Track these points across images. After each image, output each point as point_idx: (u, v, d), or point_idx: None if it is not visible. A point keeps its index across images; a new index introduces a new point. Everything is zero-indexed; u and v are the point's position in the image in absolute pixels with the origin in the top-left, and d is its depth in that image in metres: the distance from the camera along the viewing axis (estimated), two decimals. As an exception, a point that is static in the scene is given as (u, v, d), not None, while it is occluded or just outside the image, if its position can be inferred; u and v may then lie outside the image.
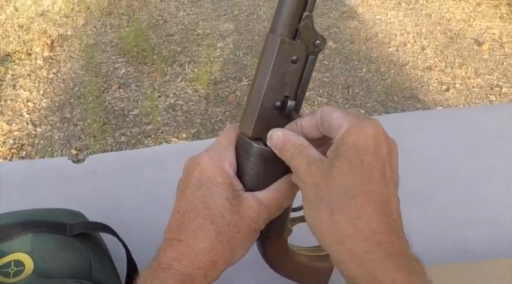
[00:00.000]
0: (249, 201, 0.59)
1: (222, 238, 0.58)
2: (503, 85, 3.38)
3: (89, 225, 0.80)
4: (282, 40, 0.56)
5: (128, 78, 3.23)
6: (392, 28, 3.92)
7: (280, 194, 0.61)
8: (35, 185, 1.07)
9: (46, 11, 3.93)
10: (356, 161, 0.50)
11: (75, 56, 3.45)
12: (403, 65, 3.50)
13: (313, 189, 0.52)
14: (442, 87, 3.33)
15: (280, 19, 0.57)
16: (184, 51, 3.50)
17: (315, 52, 0.59)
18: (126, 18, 3.87)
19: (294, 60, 0.58)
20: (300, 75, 0.60)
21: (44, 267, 0.71)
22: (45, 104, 3.04)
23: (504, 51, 3.73)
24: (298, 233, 0.75)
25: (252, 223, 0.59)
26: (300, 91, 0.61)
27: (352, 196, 0.50)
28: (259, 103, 0.59)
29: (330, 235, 0.50)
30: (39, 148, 2.74)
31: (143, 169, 1.11)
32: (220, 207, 0.58)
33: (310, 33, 0.57)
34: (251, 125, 0.60)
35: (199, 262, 0.58)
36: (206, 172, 0.60)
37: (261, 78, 0.58)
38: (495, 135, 1.22)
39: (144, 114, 2.95)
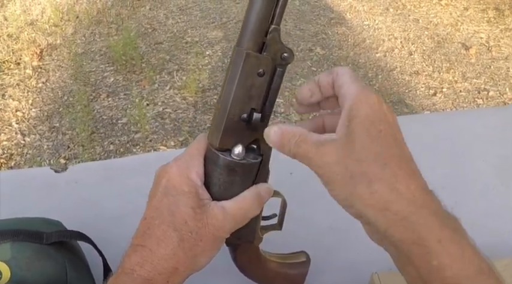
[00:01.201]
0: (213, 209, 0.60)
1: (184, 245, 0.59)
2: (491, 88, 3.40)
3: (65, 234, 0.81)
4: (247, 54, 0.57)
5: (117, 87, 3.23)
6: (380, 34, 3.95)
7: (246, 203, 0.62)
8: (17, 195, 1.07)
9: (35, 20, 3.94)
10: (374, 132, 0.51)
11: (64, 65, 3.45)
12: (390, 70, 3.52)
13: (337, 168, 0.52)
14: (430, 91, 3.34)
15: (246, 32, 0.57)
16: (173, 59, 3.51)
17: (283, 65, 0.60)
18: (115, 26, 3.88)
19: (261, 73, 0.58)
20: (266, 88, 0.60)
21: (20, 275, 0.72)
22: (34, 113, 3.04)
23: (491, 54, 3.76)
24: (273, 240, 0.77)
25: (215, 231, 0.60)
26: (268, 103, 0.61)
27: (384, 164, 0.51)
28: (225, 115, 0.59)
29: (373, 205, 0.50)
30: (28, 157, 2.74)
31: (126, 178, 1.12)
32: (184, 215, 0.59)
33: (277, 46, 0.57)
34: (218, 137, 0.61)
35: (161, 268, 0.59)
36: (173, 180, 0.61)
37: (227, 91, 0.59)
38: (480, 139, 1.23)
39: (132, 123, 2.95)
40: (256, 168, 0.64)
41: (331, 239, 0.99)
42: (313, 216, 1.03)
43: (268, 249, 0.79)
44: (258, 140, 0.63)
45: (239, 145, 0.62)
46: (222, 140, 0.61)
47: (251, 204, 0.63)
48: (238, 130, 0.61)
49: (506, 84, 3.45)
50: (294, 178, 1.11)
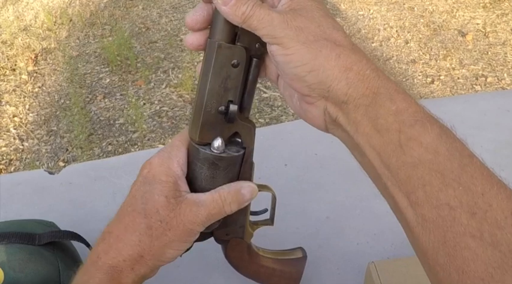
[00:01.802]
0: (188, 201, 0.60)
1: (151, 233, 0.59)
2: (488, 74, 3.39)
3: (57, 234, 0.81)
4: (219, 45, 0.56)
5: (113, 88, 3.23)
6: (375, 23, 3.93)
7: (221, 198, 0.62)
8: (12, 199, 1.08)
9: (29, 26, 3.93)
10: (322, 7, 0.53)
11: (59, 68, 3.45)
12: (387, 59, 3.51)
13: (301, 32, 0.51)
14: (427, 79, 3.33)
15: (217, 24, 0.56)
16: (168, 57, 3.50)
17: (258, 55, 0.59)
18: (108, 28, 3.88)
19: (235, 64, 0.57)
20: (243, 79, 0.59)
21: (14, 277, 0.72)
22: (32, 118, 3.03)
23: (488, 40, 3.74)
24: (269, 234, 0.76)
25: (187, 223, 0.59)
26: (247, 95, 0.61)
27: (343, 32, 0.52)
28: (202, 108, 0.59)
29: (337, 67, 0.50)
30: (27, 162, 2.74)
31: (118, 177, 1.12)
32: (156, 203, 0.59)
33: (251, 36, 0.55)
34: (197, 131, 0.60)
35: (125, 254, 0.58)
36: (153, 170, 0.61)
37: (202, 83, 0.58)
38: (471, 125, 1.23)
39: (130, 123, 2.95)
40: (239, 161, 0.63)
41: (328, 230, 0.99)
42: (309, 207, 1.03)
43: (264, 243, 0.79)
44: (239, 133, 0.62)
45: (218, 139, 0.61)
46: (201, 134, 0.60)
47: (227, 199, 0.62)
48: (217, 123, 0.60)
49: (504, 70, 3.44)
50: (288, 169, 1.11)
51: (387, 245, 0.95)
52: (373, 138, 0.49)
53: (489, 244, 0.43)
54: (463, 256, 0.44)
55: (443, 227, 0.45)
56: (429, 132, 0.47)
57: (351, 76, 0.50)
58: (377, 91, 0.49)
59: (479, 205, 0.44)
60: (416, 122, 0.48)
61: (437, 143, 0.47)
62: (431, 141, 0.47)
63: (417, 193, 0.46)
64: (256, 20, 0.51)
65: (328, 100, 0.52)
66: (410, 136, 0.47)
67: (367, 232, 0.98)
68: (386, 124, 0.48)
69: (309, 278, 0.84)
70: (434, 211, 0.45)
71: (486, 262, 0.43)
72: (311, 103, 0.54)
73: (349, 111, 0.50)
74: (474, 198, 0.44)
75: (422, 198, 0.46)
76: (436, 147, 0.47)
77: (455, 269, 0.44)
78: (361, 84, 0.49)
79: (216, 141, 0.61)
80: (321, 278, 0.90)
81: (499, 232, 0.43)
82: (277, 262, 0.79)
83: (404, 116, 0.48)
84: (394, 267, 0.82)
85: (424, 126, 0.48)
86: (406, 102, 0.49)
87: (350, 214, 1.02)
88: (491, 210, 0.44)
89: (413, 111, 0.49)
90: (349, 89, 0.49)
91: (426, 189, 0.46)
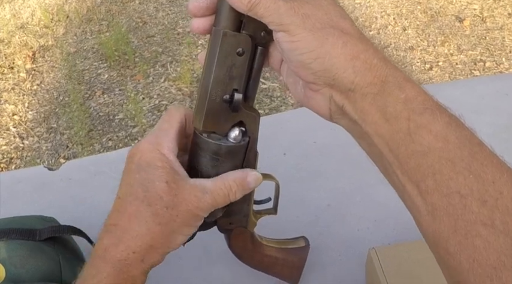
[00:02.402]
0: (192, 186, 0.59)
1: (159, 221, 0.57)
2: (487, 59, 3.39)
3: (58, 229, 0.81)
4: (224, 33, 0.55)
5: (111, 83, 3.23)
6: (372, 11, 3.92)
7: (227, 185, 0.61)
8: (13, 196, 1.08)
9: (26, 23, 3.92)
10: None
11: (58, 65, 3.44)
12: (385, 47, 3.50)
13: (307, 20, 0.51)
14: (426, 66, 3.33)
15: (223, 12, 0.56)
16: (166, 51, 3.50)
17: (263, 43, 0.58)
18: (105, 23, 3.87)
19: (240, 52, 0.57)
20: (248, 67, 0.59)
21: (15, 273, 0.73)
22: (31, 116, 3.03)
23: (486, 25, 3.73)
24: (271, 224, 0.76)
25: (193, 208, 0.58)
26: (252, 83, 0.60)
27: (350, 21, 0.52)
28: (206, 97, 0.58)
29: (344, 54, 0.49)
30: (27, 160, 2.74)
31: (118, 171, 1.11)
32: (158, 190, 0.57)
33: (256, 24, 0.55)
34: (201, 119, 0.59)
35: (135, 246, 0.57)
36: (145, 157, 0.59)
37: (207, 72, 0.58)
38: (469, 109, 1.22)
39: (129, 118, 2.95)
40: (244, 150, 0.63)
41: (328, 217, 0.99)
42: (309, 195, 1.03)
43: (265, 232, 0.79)
44: (244, 122, 0.62)
45: (236, 129, 0.61)
46: (205, 123, 0.60)
47: (233, 186, 0.61)
48: (221, 112, 0.59)
49: (502, 54, 3.43)
50: (287, 158, 1.11)
51: (388, 231, 0.95)
52: (381, 126, 0.49)
53: (501, 232, 0.43)
54: (474, 245, 0.43)
55: (454, 216, 0.45)
56: (438, 120, 0.47)
57: (358, 64, 0.49)
58: (385, 80, 0.49)
59: (490, 192, 0.44)
60: (425, 110, 0.48)
61: (447, 131, 0.47)
62: (441, 129, 0.47)
63: (427, 181, 0.46)
64: (263, 7, 0.51)
65: (333, 88, 0.51)
66: (419, 124, 0.47)
67: (368, 219, 0.98)
68: (395, 112, 0.48)
69: (311, 265, 0.85)
70: (445, 200, 0.45)
71: (498, 249, 0.42)
72: (316, 90, 0.53)
73: (356, 99, 0.50)
74: (485, 186, 0.44)
75: (433, 187, 0.46)
76: (446, 135, 0.47)
77: (466, 257, 0.44)
78: (368, 72, 0.49)
79: (233, 131, 0.61)
80: (323, 265, 0.90)
81: (510, 219, 0.43)
82: (280, 251, 0.79)
83: (414, 104, 0.48)
84: (394, 252, 0.82)
85: (434, 114, 0.47)
86: (415, 90, 0.49)
87: (350, 201, 1.02)
88: (502, 197, 0.44)
89: (423, 100, 0.48)
90: (356, 77, 0.49)
91: (436, 177, 0.46)
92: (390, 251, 0.83)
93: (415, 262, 0.80)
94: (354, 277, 0.89)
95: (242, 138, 0.62)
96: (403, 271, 0.79)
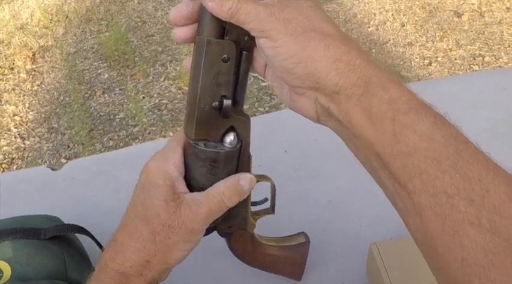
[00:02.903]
0: (188, 201, 0.60)
1: (154, 238, 0.59)
2: (486, 54, 3.39)
3: (62, 228, 0.82)
4: (208, 41, 0.56)
5: (112, 83, 3.23)
6: (370, 7, 3.93)
7: (219, 194, 0.62)
8: (16, 196, 1.08)
9: (25, 24, 3.93)
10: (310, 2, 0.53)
11: (58, 65, 3.45)
12: (383, 43, 3.51)
13: (288, 24, 0.51)
14: (425, 61, 3.33)
15: (205, 20, 0.56)
16: (165, 50, 3.50)
17: (248, 47, 0.58)
18: (105, 23, 3.87)
19: (225, 58, 0.57)
20: (235, 73, 0.59)
21: (21, 271, 0.74)
22: (32, 116, 3.04)
23: (484, 20, 3.74)
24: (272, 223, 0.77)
25: (188, 222, 0.60)
26: (239, 88, 0.61)
27: (332, 23, 0.52)
28: (196, 106, 0.59)
29: (327, 57, 0.50)
30: (29, 160, 2.75)
31: (120, 170, 1.13)
32: (157, 207, 0.59)
33: (239, 30, 0.55)
34: (192, 128, 0.60)
35: (132, 261, 0.59)
36: (150, 174, 0.61)
37: (194, 81, 0.58)
38: (468, 104, 1.23)
39: (130, 117, 2.95)
40: (237, 155, 0.63)
41: (329, 214, 1.00)
42: (310, 192, 1.04)
43: (267, 232, 0.79)
44: (235, 127, 0.62)
45: (231, 134, 0.62)
46: (196, 131, 0.60)
47: (226, 192, 0.62)
48: (212, 119, 0.60)
49: (501, 49, 3.44)
50: (288, 156, 1.12)
51: (389, 226, 0.96)
52: (367, 128, 0.49)
53: (487, 230, 0.42)
54: (463, 244, 0.43)
55: (442, 216, 0.44)
56: (423, 119, 0.47)
57: (341, 66, 0.49)
58: (369, 81, 0.49)
59: (477, 191, 0.44)
60: (410, 110, 0.47)
61: (432, 130, 0.47)
62: (426, 128, 0.47)
63: (414, 181, 0.46)
64: (244, 14, 0.51)
65: (318, 91, 0.52)
66: (404, 124, 0.47)
67: (369, 215, 0.99)
68: (380, 113, 0.48)
69: (314, 262, 0.85)
70: (432, 199, 0.45)
71: (486, 248, 0.42)
72: (301, 94, 0.54)
73: (341, 101, 0.50)
74: (471, 185, 0.44)
75: (419, 187, 0.46)
76: (431, 134, 0.46)
77: (455, 257, 0.44)
78: (352, 74, 0.49)
79: (228, 136, 0.61)
80: (325, 261, 0.91)
81: (497, 218, 0.43)
82: (281, 249, 0.80)
83: (398, 104, 0.48)
84: (395, 247, 0.83)
85: (418, 113, 0.47)
86: (399, 90, 0.49)
87: (351, 197, 1.03)
88: (488, 195, 0.43)
89: (407, 99, 0.48)
90: (340, 80, 0.49)
91: (423, 177, 0.46)
92: (391, 246, 0.83)
93: (417, 257, 0.80)
94: (356, 272, 0.89)
95: (234, 143, 0.63)
96: (405, 265, 0.80)
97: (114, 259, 0.59)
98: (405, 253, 0.81)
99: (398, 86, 0.49)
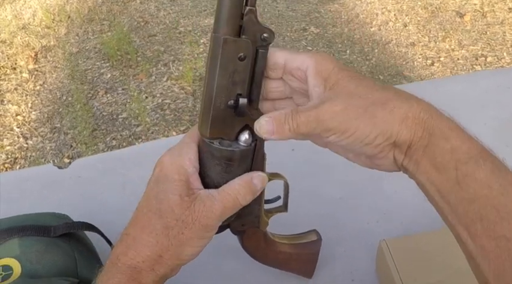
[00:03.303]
0: (202, 197, 0.60)
1: (168, 233, 0.59)
2: (488, 54, 3.39)
3: (72, 225, 0.82)
4: (224, 39, 0.56)
5: (114, 83, 3.23)
6: (373, 8, 3.93)
7: (234, 191, 0.62)
8: (23, 194, 1.08)
9: (27, 24, 3.93)
10: (352, 73, 0.55)
11: (60, 65, 3.45)
12: (386, 43, 3.51)
13: (349, 112, 0.52)
14: (427, 61, 3.34)
15: (221, 18, 0.56)
16: (168, 50, 3.50)
17: (264, 46, 0.58)
18: (107, 23, 3.87)
19: (241, 57, 0.57)
20: (250, 72, 0.59)
21: (31, 268, 0.73)
22: (35, 116, 3.04)
23: (486, 20, 3.74)
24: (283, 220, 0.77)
25: (202, 218, 0.59)
26: (254, 86, 0.60)
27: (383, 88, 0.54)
28: (211, 104, 0.58)
29: (395, 121, 0.52)
30: (32, 160, 2.75)
31: (127, 168, 1.13)
32: (171, 202, 0.59)
33: (256, 28, 0.56)
34: (207, 126, 0.60)
35: (144, 255, 0.59)
36: (165, 169, 0.61)
37: (210, 79, 0.58)
38: (474, 103, 1.23)
39: (133, 117, 2.96)
40: (251, 153, 0.63)
41: (339, 211, 1.00)
42: (319, 189, 1.04)
43: (278, 229, 0.79)
44: (249, 125, 0.62)
45: (245, 132, 0.61)
46: (211, 130, 0.60)
47: (240, 191, 0.62)
48: (227, 117, 0.60)
49: (503, 49, 3.44)
50: (296, 154, 1.12)
51: (397, 223, 0.96)
52: (432, 175, 0.52)
53: None
54: None
55: (502, 257, 0.48)
56: (482, 168, 0.50)
57: (409, 123, 0.52)
58: (432, 132, 0.52)
59: None
60: (470, 159, 0.51)
61: (491, 178, 0.50)
62: (485, 176, 0.50)
63: (475, 226, 0.50)
64: (304, 126, 0.53)
65: (395, 149, 0.54)
66: (465, 173, 0.50)
67: (377, 212, 0.99)
68: (444, 162, 0.51)
69: (323, 259, 0.85)
70: (493, 243, 0.49)
71: None
72: (381, 157, 0.56)
73: (412, 153, 0.53)
74: None
75: (481, 231, 0.49)
76: (490, 183, 0.50)
77: None
78: (419, 127, 0.52)
79: (243, 135, 0.61)
80: (335, 258, 0.91)
81: None
82: (293, 246, 0.80)
83: (459, 154, 0.51)
84: (405, 244, 0.83)
85: (478, 162, 0.50)
86: (460, 139, 0.52)
87: (360, 194, 1.03)
88: None
89: (467, 148, 0.51)
90: (411, 136, 0.52)
91: (483, 222, 0.49)
92: (401, 243, 0.83)
93: (426, 254, 0.81)
94: (366, 269, 0.89)
95: (249, 142, 0.63)
96: (414, 262, 0.80)
97: (126, 253, 0.59)
98: (415, 250, 0.82)
99: (459, 134, 0.52)
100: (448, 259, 0.79)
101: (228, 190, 0.61)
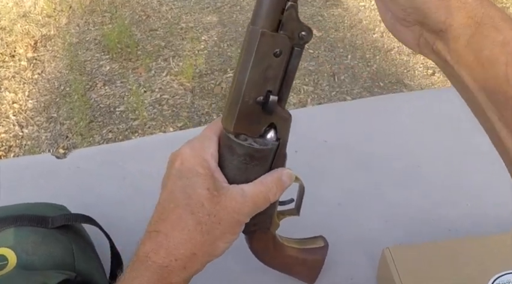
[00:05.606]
0: (232, 192, 0.58)
1: (201, 229, 0.56)
2: (489, 66, 3.39)
3: (70, 217, 0.80)
4: (262, 33, 0.54)
5: (113, 75, 3.21)
6: (376, 14, 3.92)
7: (266, 188, 0.60)
8: (20, 183, 1.07)
9: (28, 12, 3.90)
10: None
11: (59, 55, 3.42)
12: (388, 50, 3.50)
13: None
14: (428, 71, 3.33)
15: (261, 10, 0.54)
16: (169, 45, 3.48)
17: (301, 44, 0.57)
18: (108, 15, 3.85)
19: (277, 53, 0.55)
20: (283, 69, 0.57)
21: (26, 260, 0.72)
22: (31, 105, 3.02)
23: (488, 32, 3.74)
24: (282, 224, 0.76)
25: (235, 214, 0.58)
26: (285, 85, 0.59)
27: None
28: (240, 98, 0.57)
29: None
30: (26, 149, 2.73)
31: (126, 161, 1.11)
32: (200, 197, 0.56)
33: (295, 24, 0.54)
34: (232, 121, 0.58)
35: (177, 253, 0.56)
36: (187, 162, 0.59)
37: (241, 72, 0.56)
38: (471, 114, 1.22)
39: (130, 110, 2.94)
40: (273, 152, 0.61)
41: (340, 217, 0.99)
42: (320, 194, 1.03)
43: (277, 232, 0.78)
44: (275, 124, 0.60)
45: (271, 131, 0.60)
46: (236, 124, 0.58)
47: (271, 187, 0.61)
48: (254, 114, 0.58)
49: (504, 61, 3.44)
50: (299, 156, 1.10)
51: (399, 231, 0.95)
52: (476, 71, 0.47)
53: None
54: None
55: None
56: None
57: (452, 3, 0.46)
58: (480, 21, 0.46)
59: None
60: None
61: None
62: None
63: None
64: None
65: (424, 26, 0.49)
66: None
67: (378, 219, 0.98)
68: (492, 56, 0.45)
69: (324, 264, 0.84)
70: None
71: None
72: (406, 26, 0.51)
73: (449, 41, 0.48)
74: None
75: None
76: None
77: None
78: (462, 12, 0.46)
79: (268, 133, 0.60)
80: (335, 264, 0.90)
81: None
82: (301, 251, 0.79)
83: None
84: (409, 252, 0.82)
85: None
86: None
87: (361, 201, 1.02)
88: None
89: None
90: (448, 18, 0.46)
91: None
92: (404, 251, 0.82)
93: (430, 263, 0.80)
94: (365, 276, 0.89)
95: (272, 141, 0.61)
96: (418, 271, 0.79)
97: (157, 252, 0.56)
98: (419, 259, 0.81)
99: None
100: (452, 270, 0.78)
101: (259, 186, 0.60)
